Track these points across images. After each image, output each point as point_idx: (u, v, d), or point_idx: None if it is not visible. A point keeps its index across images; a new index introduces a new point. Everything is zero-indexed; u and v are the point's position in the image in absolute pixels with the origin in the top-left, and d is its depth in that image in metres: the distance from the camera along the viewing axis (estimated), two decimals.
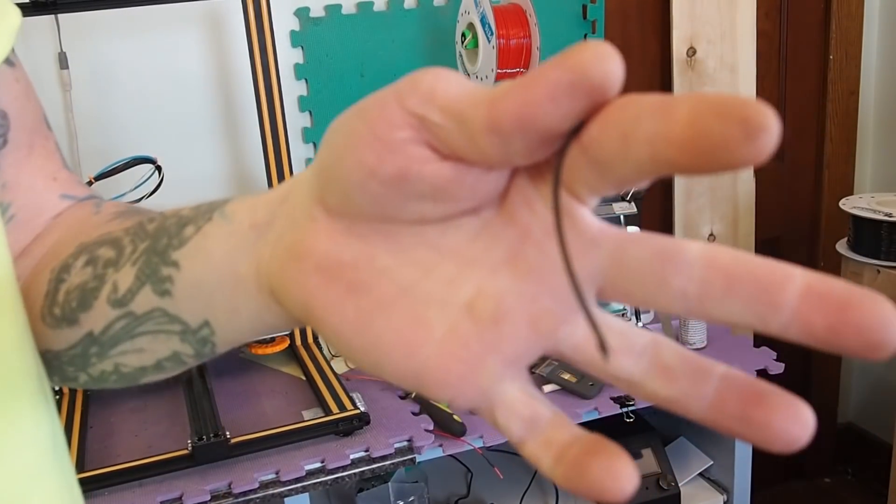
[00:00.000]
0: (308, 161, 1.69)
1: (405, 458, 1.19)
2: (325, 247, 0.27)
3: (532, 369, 1.36)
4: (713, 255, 0.23)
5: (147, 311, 0.37)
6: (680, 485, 1.41)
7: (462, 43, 1.58)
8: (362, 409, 1.22)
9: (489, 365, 0.25)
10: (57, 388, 1.35)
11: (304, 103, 1.67)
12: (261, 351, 1.43)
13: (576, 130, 0.22)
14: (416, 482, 1.44)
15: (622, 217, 1.49)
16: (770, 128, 0.19)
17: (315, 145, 1.69)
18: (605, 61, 0.20)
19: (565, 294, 0.25)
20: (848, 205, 1.59)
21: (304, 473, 1.15)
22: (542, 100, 0.21)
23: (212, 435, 1.15)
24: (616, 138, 0.21)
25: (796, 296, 0.21)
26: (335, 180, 0.26)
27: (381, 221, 0.26)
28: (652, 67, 1.98)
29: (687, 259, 0.23)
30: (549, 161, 0.24)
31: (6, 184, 0.45)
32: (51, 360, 0.41)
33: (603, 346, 0.23)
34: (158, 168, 1.29)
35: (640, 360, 0.24)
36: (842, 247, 1.62)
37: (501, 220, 0.26)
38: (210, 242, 0.33)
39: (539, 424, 0.25)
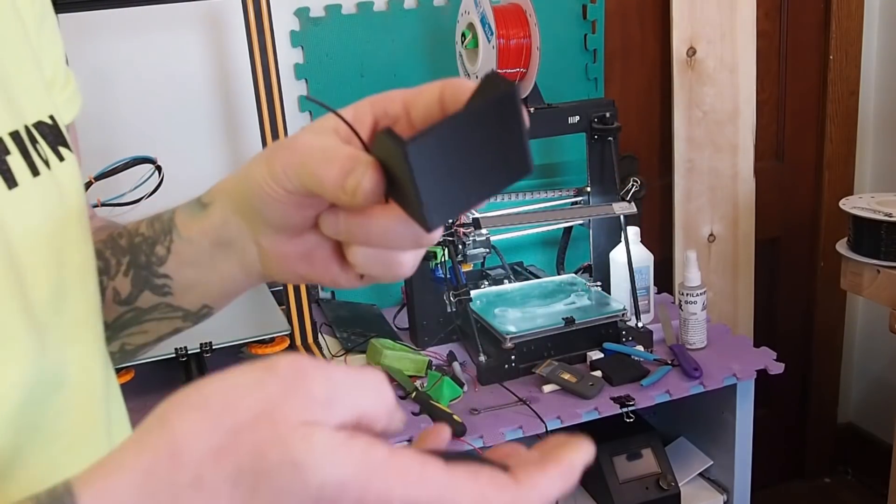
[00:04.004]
0: None
1: None
2: (294, 248, 0.45)
3: (532, 370, 1.36)
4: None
5: (153, 306, 0.49)
6: (680, 485, 1.41)
7: (462, 43, 1.58)
8: None
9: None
10: None
11: (304, 103, 1.68)
12: (261, 351, 1.43)
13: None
14: None
15: (622, 217, 1.49)
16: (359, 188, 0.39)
17: None
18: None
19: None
20: (848, 205, 1.59)
21: None
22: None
23: None
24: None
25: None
26: (262, 224, 0.45)
27: (291, 230, 0.45)
28: (652, 67, 1.98)
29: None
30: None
31: None
32: None
33: None
34: (158, 168, 1.29)
35: None
36: (842, 247, 1.62)
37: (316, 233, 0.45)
38: (185, 260, 0.48)
39: None
